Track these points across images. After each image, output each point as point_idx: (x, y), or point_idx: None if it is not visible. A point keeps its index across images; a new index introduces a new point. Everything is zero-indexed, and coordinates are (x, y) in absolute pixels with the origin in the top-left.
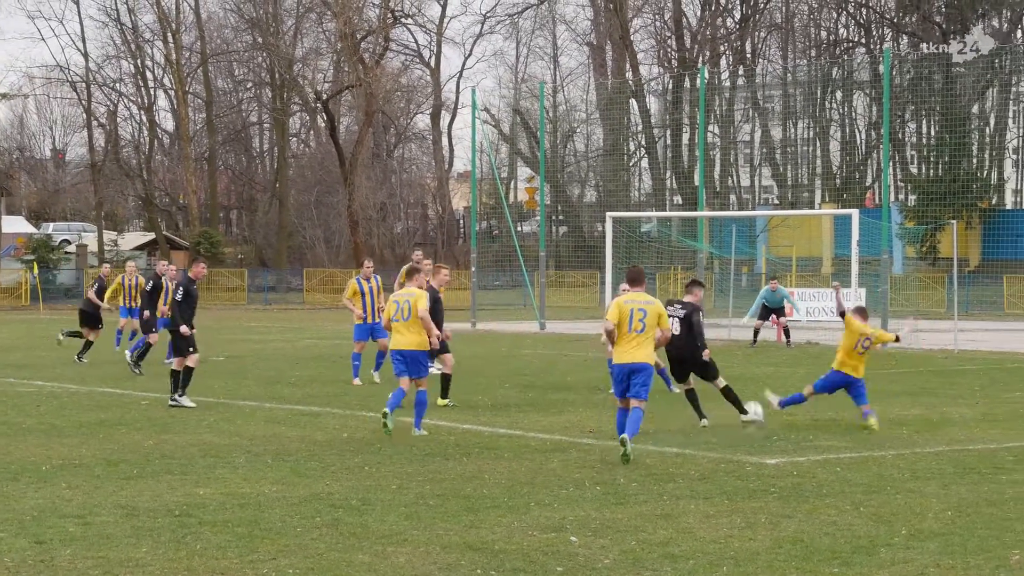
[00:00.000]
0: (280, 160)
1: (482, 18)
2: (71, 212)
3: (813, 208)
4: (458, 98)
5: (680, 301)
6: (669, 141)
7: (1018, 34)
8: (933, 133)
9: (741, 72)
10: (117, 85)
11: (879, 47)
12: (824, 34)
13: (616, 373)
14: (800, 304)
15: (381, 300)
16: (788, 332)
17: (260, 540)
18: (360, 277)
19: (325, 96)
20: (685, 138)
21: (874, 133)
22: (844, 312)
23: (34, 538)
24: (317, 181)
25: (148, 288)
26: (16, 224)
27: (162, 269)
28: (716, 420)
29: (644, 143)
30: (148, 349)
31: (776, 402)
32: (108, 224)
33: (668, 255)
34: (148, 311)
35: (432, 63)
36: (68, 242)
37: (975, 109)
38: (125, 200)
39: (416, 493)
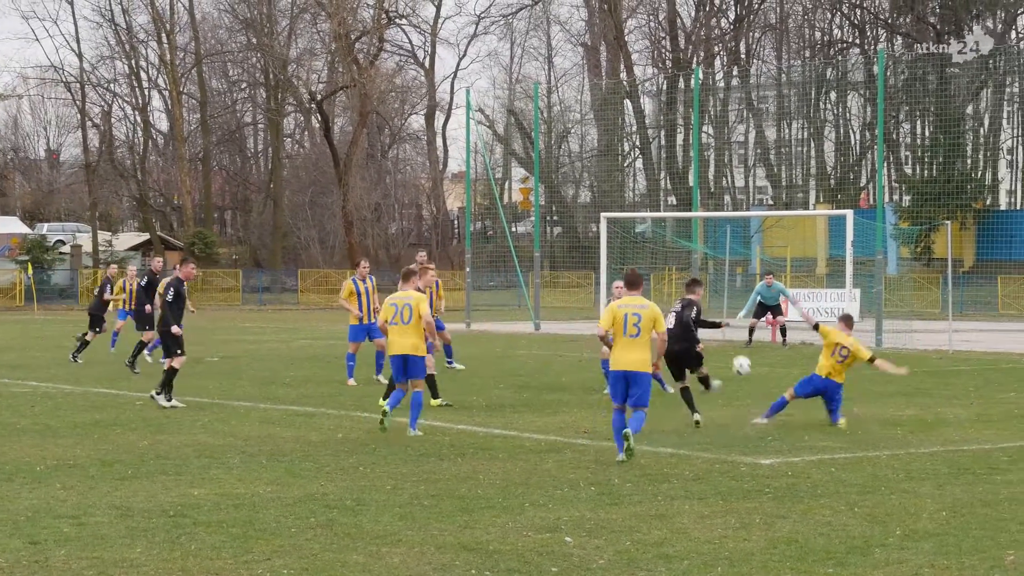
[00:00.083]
0: (274, 160)
1: (476, 19)
2: (65, 212)
3: (807, 209)
4: (452, 99)
5: (683, 299)
6: (663, 142)
7: (1012, 35)
8: (927, 134)
9: (735, 73)
10: (111, 85)
11: (873, 48)
12: (818, 35)
13: (612, 378)
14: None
15: (376, 301)
16: (784, 331)
17: (255, 540)
18: (356, 278)
19: (319, 97)
20: (679, 139)
21: (868, 134)
22: (817, 325)
23: (28, 538)
24: (311, 182)
25: (143, 284)
26: (10, 224)
27: (157, 266)
28: (711, 420)
29: (638, 144)
30: (143, 347)
31: (763, 419)
32: (102, 225)
33: (663, 256)
34: (148, 305)
35: (426, 64)
36: (62, 243)
37: (969, 110)
38: (119, 201)
39: (411, 493)
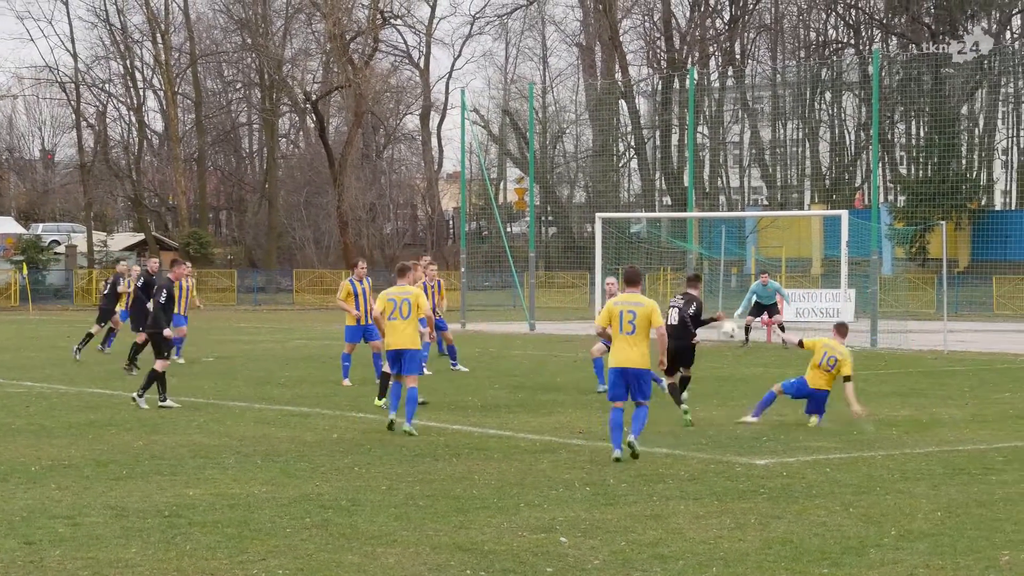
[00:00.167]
0: (269, 161)
1: (471, 19)
2: (60, 213)
3: (802, 209)
4: (447, 99)
5: (685, 294)
6: (658, 142)
7: (1007, 35)
8: (922, 134)
9: (730, 73)
10: (106, 86)
11: (868, 48)
12: (813, 35)
13: (612, 376)
14: (790, 303)
15: (372, 301)
16: (783, 328)
17: (250, 541)
18: (353, 278)
19: (314, 97)
20: (674, 139)
21: (863, 134)
22: (801, 342)
23: (23, 539)
24: (306, 182)
25: (139, 284)
26: (5, 225)
27: (153, 267)
28: (707, 420)
29: (633, 144)
30: (140, 349)
31: (752, 417)
32: (97, 225)
33: (657, 256)
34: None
35: (421, 64)
36: (57, 243)
37: (964, 110)
38: (114, 201)
39: (406, 494)
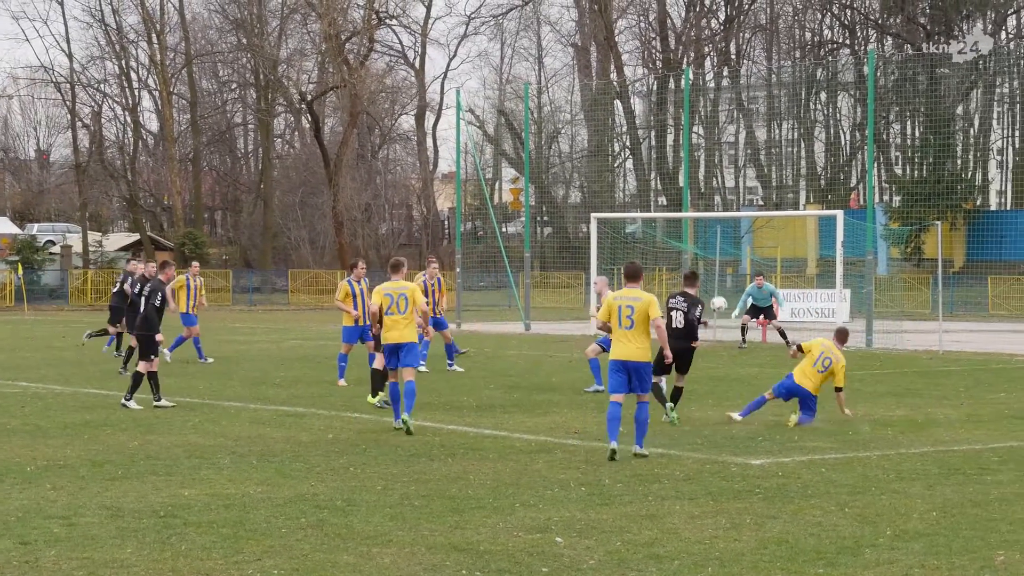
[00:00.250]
0: (265, 161)
1: (467, 19)
2: (55, 213)
3: (798, 209)
4: (443, 99)
5: (684, 293)
6: (654, 142)
7: (1002, 35)
8: (917, 134)
9: (726, 73)
10: (101, 86)
11: (863, 48)
12: (808, 35)
13: (612, 368)
14: (785, 305)
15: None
16: (784, 334)
17: (245, 541)
18: (352, 279)
19: (310, 97)
20: (670, 139)
21: (858, 134)
22: (799, 346)
23: (19, 539)
24: (302, 182)
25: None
26: (0, 225)
27: (150, 272)
28: (702, 420)
29: (629, 144)
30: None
31: (738, 415)
32: (93, 225)
33: (653, 256)
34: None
35: (417, 64)
36: (53, 243)
37: (959, 110)
38: (109, 201)
39: (401, 494)
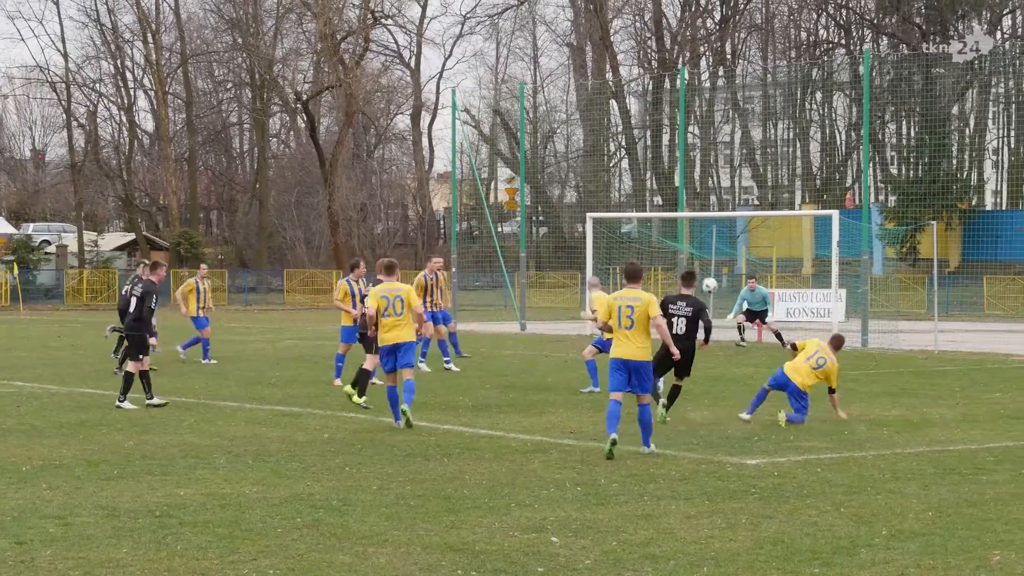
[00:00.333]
0: (260, 161)
1: (462, 19)
2: (51, 213)
3: (793, 209)
4: (438, 99)
5: (684, 297)
6: (649, 142)
7: (997, 35)
8: (913, 134)
9: (721, 73)
10: (97, 85)
11: (859, 48)
12: (804, 35)
13: (613, 365)
14: (780, 304)
15: None
16: (780, 336)
17: (241, 541)
18: (351, 278)
19: (305, 97)
20: (665, 139)
21: (854, 134)
22: (794, 345)
23: (14, 539)
24: (297, 182)
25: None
26: None
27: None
28: (698, 420)
29: (624, 144)
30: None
31: (747, 415)
32: (88, 225)
33: (648, 256)
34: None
35: (412, 64)
36: (48, 243)
37: (955, 110)
38: (105, 201)
39: (397, 494)
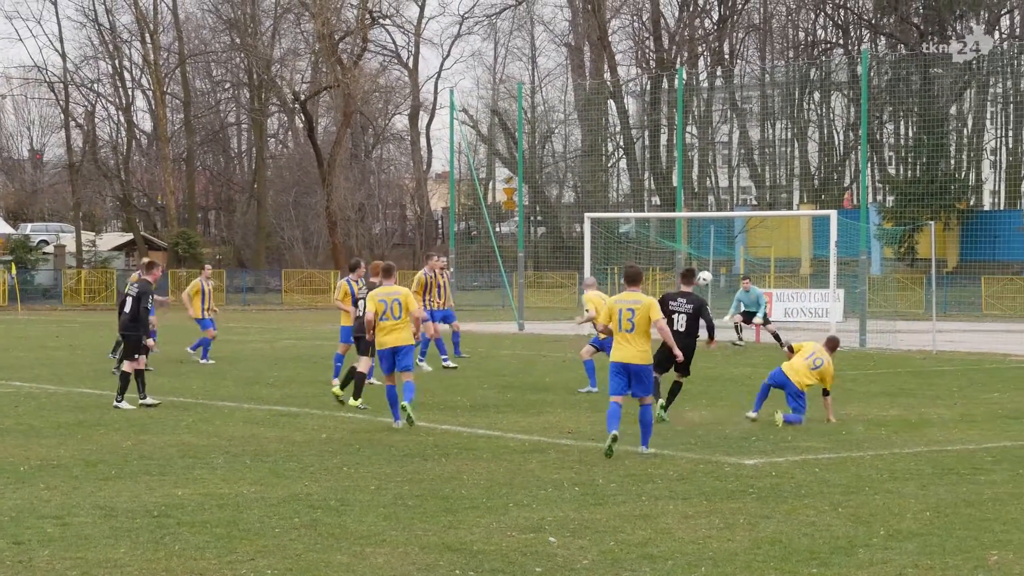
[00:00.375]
0: (258, 161)
1: (460, 19)
2: (49, 213)
3: (791, 209)
4: (436, 99)
5: (685, 294)
6: (647, 142)
7: (995, 35)
8: (911, 134)
9: (719, 73)
10: (95, 86)
11: (857, 48)
12: (802, 35)
13: (613, 369)
14: (778, 304)
15: None
16: (778, 336)
17: (238, 541)
18: (352, 278)
19: (303, 97)
20: (663, 139)
21: (852, 134)
22: (791, 347)
23: (12, 539)
24: (295, 182)
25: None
26: None
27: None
28: (695, 420)
29: (622, 144)
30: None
31: (753, 413)
32: (86, 225)
33: (646, 256)
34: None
35: (410, 64)
36: (46, 243)
37: (953, 110)
38: (103, 201)
39: (395, 494)
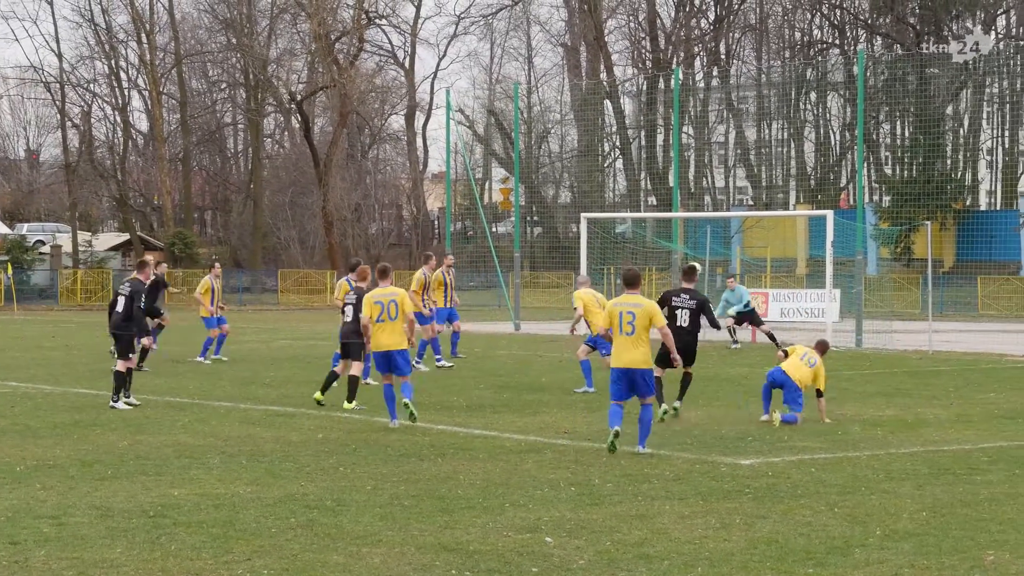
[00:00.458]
0: (254, 161)
1: (456, 19)
2: (45, 213)
3: (788, 209)
4: (432, 99)
5: (687, 290)
6: (643, 142)
7: (991, 35)
8: (907, 134)
9: (715, 73)
10: (91, 86)
11: (853, 48)
12: (798, 35)
13: (614, 375)
14: (775, 305)
15: None
16: (772, 336)
17: (235, 541)
18: (351, 278)
19: (299, 97)
20: (659, 139)
21: (848, 134)
22: (785, 350)
23: (8, 539)
24: (291, 182)
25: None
26: None
27: (162, 270)
28: (692, 420)
29: (619, 144)
30: (145, 354)
31: (765, 415)
32: (82, 225)
33: (643, 256)
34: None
35: (406, 64)
36: (42, 243)
37: (949, 110)
38: (99, 201)
39: (391, 494)
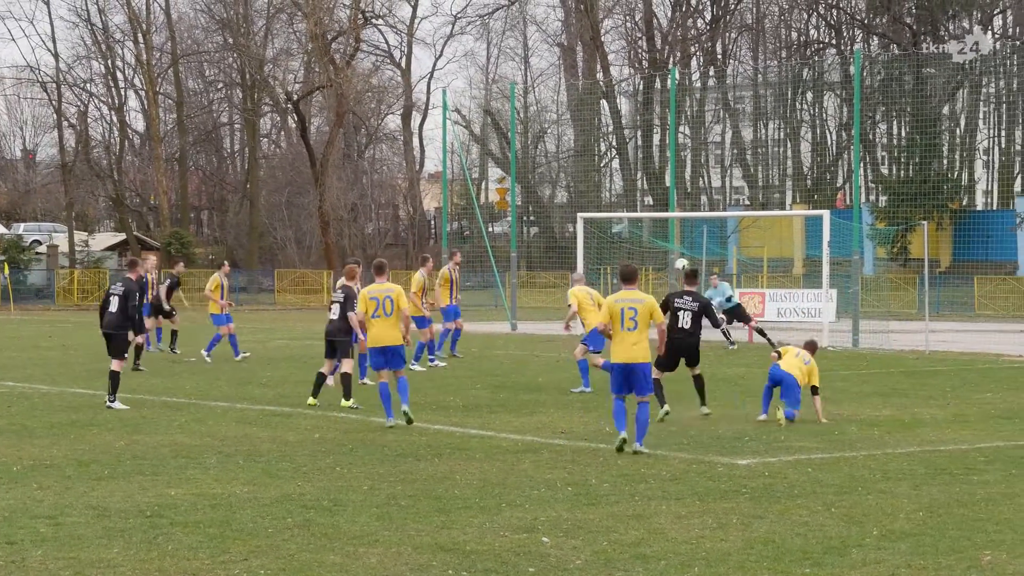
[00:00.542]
0: (251, 161)
1: (453, 19)
2: (42, 213)
3: (784, 209)
4: (429, 99)
5: (689, 293)
6: (640, 142)
7: (988, 35)
8: (904, 134)
9: (712, 73)
10: (87, 85)
11: (849, 48)
12: (795, 35)
13: (613, 371)
14: (771, 304)
15: None
16: (763, 332)
17: (231, 541)
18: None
19: (296, 97)
20: (656, 139)
21: (845, 134)
22: (779, 351)
23: (5, 539)
24: (288, 182)
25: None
26: None
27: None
28: (689, 420)
29: (615, 144)
30: (140, 351)
31: (764, 416)
32: (79, 225)
33: (639, 256)
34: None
35: (403, 64)
36: (39, 243)
37: (945, 110)
38: (96, 201)
39: (388, 494)
